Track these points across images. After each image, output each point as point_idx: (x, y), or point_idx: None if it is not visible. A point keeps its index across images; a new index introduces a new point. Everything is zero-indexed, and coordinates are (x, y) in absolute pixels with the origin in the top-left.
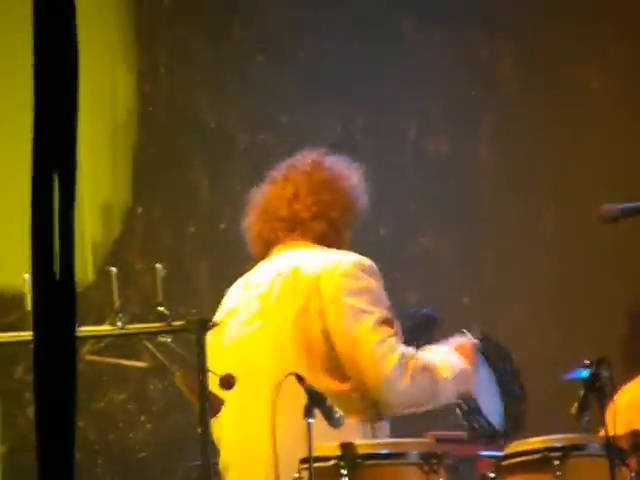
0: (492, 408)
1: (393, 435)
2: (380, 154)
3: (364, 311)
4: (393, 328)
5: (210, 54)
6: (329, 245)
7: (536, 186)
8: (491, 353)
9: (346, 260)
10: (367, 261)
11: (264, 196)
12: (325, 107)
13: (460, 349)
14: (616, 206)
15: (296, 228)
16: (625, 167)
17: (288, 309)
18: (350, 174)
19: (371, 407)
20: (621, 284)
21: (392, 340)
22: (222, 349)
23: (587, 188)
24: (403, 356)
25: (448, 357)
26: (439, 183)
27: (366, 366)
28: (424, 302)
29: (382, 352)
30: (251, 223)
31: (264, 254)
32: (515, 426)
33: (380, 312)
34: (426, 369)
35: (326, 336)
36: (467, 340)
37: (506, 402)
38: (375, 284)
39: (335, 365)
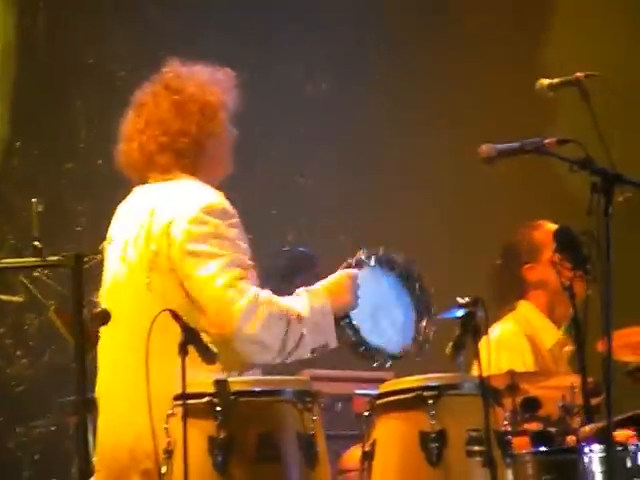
0: (390, 330)
1: (272, 372)
2: (265, 94)
3: (211, 256)
4: (246, 272)
5: None
6: (188, 173)
7: (425, 126)
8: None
9: (195, 204)
10: (218, 203)
11: (126, 123)
12: (209, 46)
13: (334, 287)
14: (493, 147)
15: (147, 162)
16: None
17: (144, 254)
18: (204, 92)
19: (230, 358)
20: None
21: (241, 284)
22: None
23: (477, 125)
24: (253, 301)
25: (313, 302)
26: (322, 124)
27: (214, 312)
28: (302, 241)
29: (230, 296)
30: (118, 151)
31: (135, 179)
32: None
33: (229, 256)
34: (282, 316)
35: (178, 283)
36: (345, 273)
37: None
38: (224, 227)
39: (191, 314)
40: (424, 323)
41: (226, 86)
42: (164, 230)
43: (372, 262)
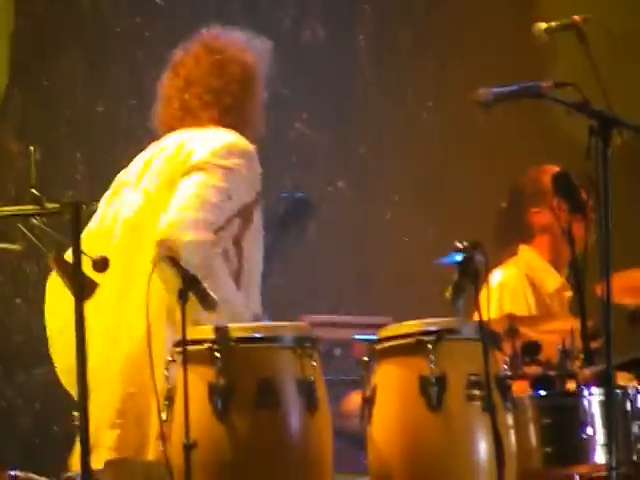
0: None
1: (273, 318)
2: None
3: (214, 186)
4: (228, 222)
5: None
6: (227, 127)
7: (416, 74)
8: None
9: (222, 140)
10: (242, 145)
11: (164, 83)
12: None
13: None
14: (490, 91)
15: (186, 117)
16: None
17: (165, 185)
18: (244, 55)
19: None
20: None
21: (209, 227)
22: (109, 226)
23: (474, 69)
24: (212, 243)
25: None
26: (315, 70)
27: (174, 217)
28: (299, 187)
29: (197, 223)
30: (156, 111)
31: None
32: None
33: (237, 195)
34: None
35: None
36: None
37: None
38: (243, 166)
39: None
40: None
41: (262, 52)
42: (185, 157)
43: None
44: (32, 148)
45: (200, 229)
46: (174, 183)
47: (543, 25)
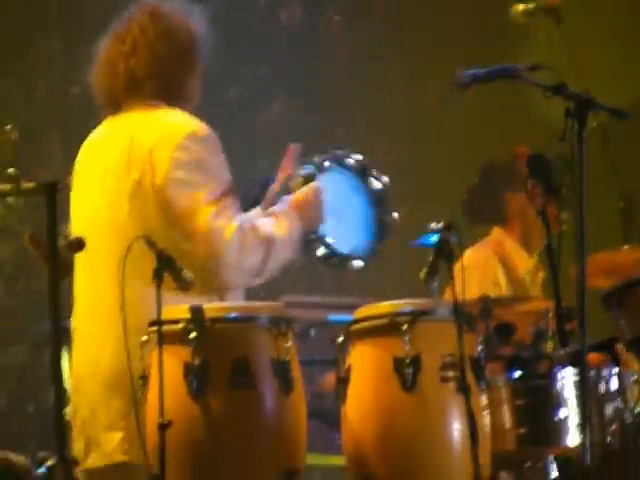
0: (346, 233)
1: (248, 298)
2: (232, 20)
3: (197, 185)
4: (229, 200)
5: None
6: (171, 102)
7: (396, 56)
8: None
9: (179, 131)
10: (202, 131)
11: (105, 49)
12: None
13: (301, 203)
14: (466, 72)
15: (133, 87)
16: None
17: (124, 183)
18: (189, 23)
19: (210, 284)
20: (475, 151)
21: (227, 213)
22: (78, 207)
23: (442, 59)
24: (238, 230)
25: (285, 221)
26: (291, 51)
27: (202, 242)
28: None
29: (217, 226)
30: (94, 77)
31: (109, 108)
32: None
33: (214, 184)
34: (262, 243)
35: (162, 211)
36: (311, 189)
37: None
38: (208, 155)
39: (173, 243)
40: (385, 216)
41: (201, 22)
42: (147, 157)
43: (327, 164)
44: (9, 127)
45: (221, 230)
46: (139, 185)
47: (520, 7)
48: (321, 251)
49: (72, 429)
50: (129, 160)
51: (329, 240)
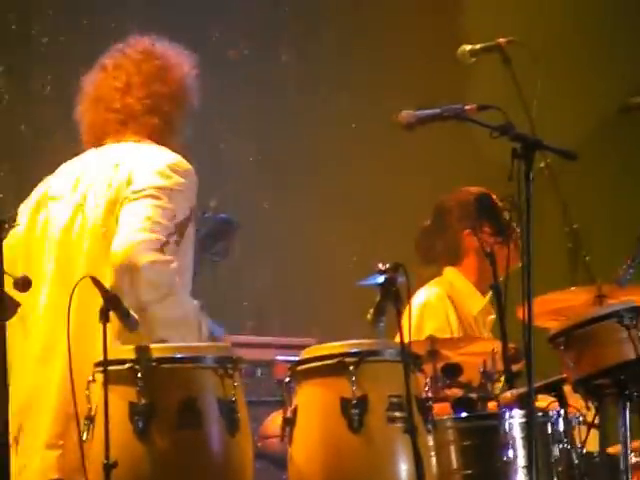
0: None
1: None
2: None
3: (162, 207)
4: (174, 241)
5: None
6: (162, 142)
7: (343, 92)
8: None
9: (162, 160)
10: (185, 164)
11: (95, 84)
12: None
13: None
14: (412, 113)
15: (129, 122)
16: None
17: (103, 204)
18: (182, 63)
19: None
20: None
21: (172, 247)
22: (42, 237)
23: (395, 92)
24: (170, 262)
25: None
26: (237, 85)
27: (130, 240)
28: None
29: (153, 244)
30: (83, 112)
31: (95, 144)
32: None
33: (179, 214)
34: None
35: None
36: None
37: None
38: (185, 186)
39: None
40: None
41: (192, 63)
42: (125, 179)
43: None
44: None
45: (156, 249)
46: (115, 205)
47: (467, 47)
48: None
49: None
50: (110, 184)
51: None
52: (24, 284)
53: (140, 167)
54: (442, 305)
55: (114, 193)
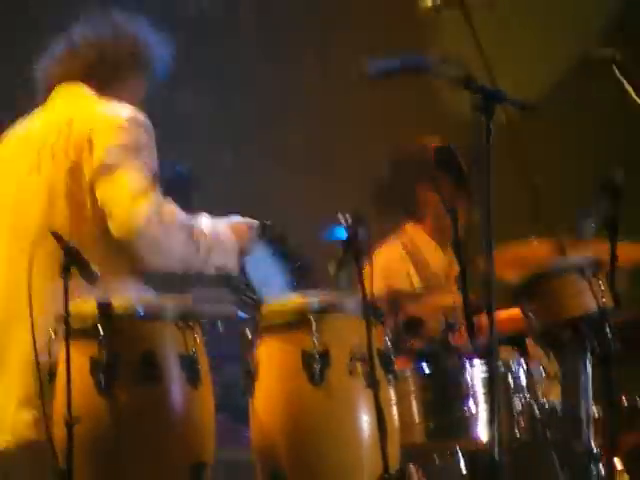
0: (269, 285)
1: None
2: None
3: (128, 165)
4: (154, 184)
5: None
6: (111, 93)
7: (302, 44)
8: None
9: (118, 115)
10: (140, 117)
11: (60, 47)
12: None
13: (235, 227)
14: (374, 63)
15: (86, 71)
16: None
17: (62, 162)
18: (142, 33)
19: (136, 269)
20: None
21: (150, 194)
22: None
23: (350, 44)
24: (157, 208)
25: (216, 226)
26: (198, 44)
27: (120, 216)
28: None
29: (138, 203)
30: (44, 64)
31: (46, 94)
32: None
33: (144, 167)
34: (183, 227)
35: (92, 191)
36: (245, 221)
37: (296, 276)
38: (147, 139)
39: (104, 223)
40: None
41: (162, 42)
42: (85, 138)
43: (267, 237)
44: None
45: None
46: (77, 167)
47: (428, 1)
48: (241, 279)
49: None
50: (68, 142)
51: (250, 275)
52: None
53: (99, 125)
54: (403, 266)
55: (74, 154)
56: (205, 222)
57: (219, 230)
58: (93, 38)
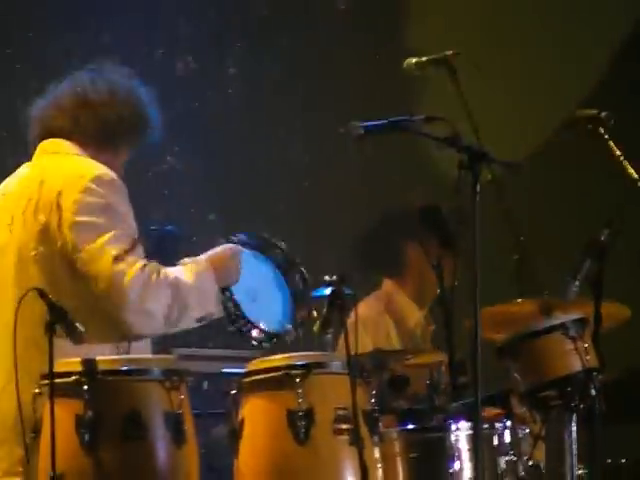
0: (268, 312)
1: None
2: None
3: (100, 228)
4: (134, 244)
5: None
6: (97, 151)
7: (287, 107)
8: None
9: (86, 175)
10: (108, 175)
11: (61, 96)
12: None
13: (216, 258)
14: (361, 124)
15: (71, 125)
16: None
17: (31, 226)
18: (140, 101)
19: (117, 330)
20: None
21: (130, 257)
22: None
23: (343, 106)
24: (140, 272)
25: (193, 270)
26: (185, 101)
27: (104, 284)
28: (170, 220)
29: (119, 269)
30: (42, 111)
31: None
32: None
33: (118, 229)
34: (168, 285)
35: (66, 254)
36: (228, 247)
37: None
38: (115, 199)
39: (78, 286)
40: (302, 311)
41: (150, 101)
42: (54, 201)
43: (254, 244)
44: None
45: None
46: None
47: (413, 60)
48: (230, 309)
49: None
50: (37, 205)
51: (239, 302)
52: None
53: (66, 187)
54: (382, 320)
55: (44, 216)
56: (186, 271)
57: (201, 276)
58: (91, 96)
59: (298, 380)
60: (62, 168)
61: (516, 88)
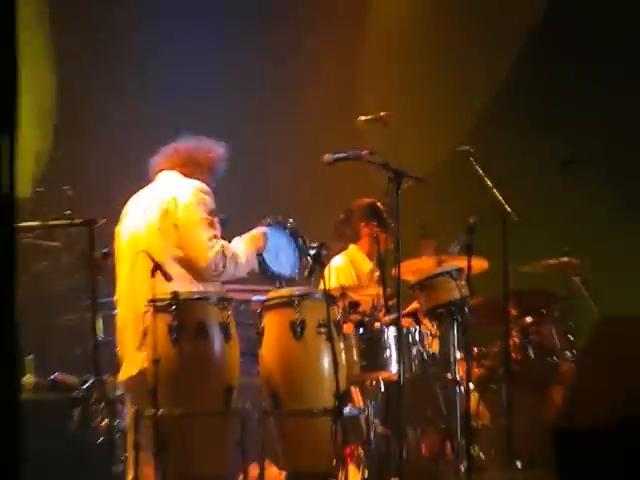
0: (281, 263)
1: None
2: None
3: (204, 218)
4: (218, 232)
5: None
6: (193, 177)
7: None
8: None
9: (195, 186)
10: (206, 187)
11: (167, 153)
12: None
13: (252, 238)
14: (331, 155)
15: (184, 161)
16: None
17: (157, 214)
18: (212, 150)
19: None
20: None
21: (216, 241)
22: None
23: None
24: (220, 251)
25: (242, 245)
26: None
27: (201, 254)
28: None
29: (210, 245)
30: (164, 154)
31: (153, 176)
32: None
33: (213, 220)
34: (232, 259)
35: (174, 229)
36: (260, 230)
37: (300, 257)
38: (210, 201)
39: (184, 250)
40: (303, 262)
41: (223, 155)
42: (172, 199)
43: (276, 222)
44: (66, 187)
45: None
46: (166, 213)
47: (362, 117)
48: (262, 266)
49: (120, 358)
50: (162, 201)
51: (267, 262)
52: (105, 257)
53: (179, 192)
54: (348, 268)
55: (165, 206)
56: (241, 247)
57: (247, 250)
58: (189, 147)
59: (296, 303)
60: (178, 183)
61: (418, 126)
